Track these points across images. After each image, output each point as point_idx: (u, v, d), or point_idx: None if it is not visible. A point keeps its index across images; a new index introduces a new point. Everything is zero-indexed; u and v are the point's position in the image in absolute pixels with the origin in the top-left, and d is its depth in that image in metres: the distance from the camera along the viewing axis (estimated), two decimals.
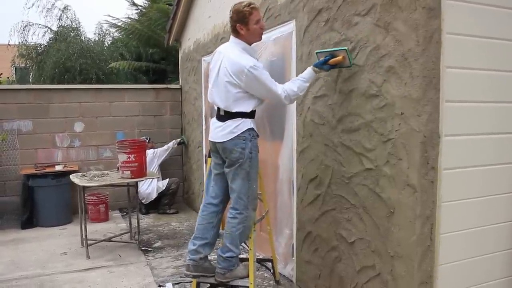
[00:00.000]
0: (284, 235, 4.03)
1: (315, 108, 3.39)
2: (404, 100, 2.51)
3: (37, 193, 5.99)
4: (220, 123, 3.08)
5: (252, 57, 3.05)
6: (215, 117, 3.17)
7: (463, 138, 2.58)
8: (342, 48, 2.93)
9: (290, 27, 3.72)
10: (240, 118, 3.02)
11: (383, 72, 2.65)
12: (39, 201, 5.99)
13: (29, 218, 5.98)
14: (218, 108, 3.10)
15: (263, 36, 4.15)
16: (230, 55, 3.02)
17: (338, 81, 3.09)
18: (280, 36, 3.92)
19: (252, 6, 2.99)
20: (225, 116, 3.06)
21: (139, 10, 11.99)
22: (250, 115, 3.07)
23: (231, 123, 3.02)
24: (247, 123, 3.03)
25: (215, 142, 3.11)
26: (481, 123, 2.65)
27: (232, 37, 3.11)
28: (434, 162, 2.47)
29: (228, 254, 3.15)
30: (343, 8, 2.98)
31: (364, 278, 2.91)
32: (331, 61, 2.98)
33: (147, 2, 11.80)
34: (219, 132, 3.07)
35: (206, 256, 3.26)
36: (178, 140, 7.05)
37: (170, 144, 6.88)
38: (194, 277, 3.26)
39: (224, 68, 3.01)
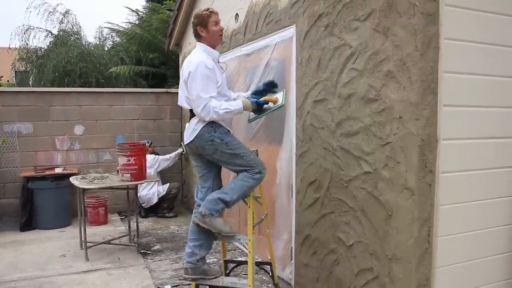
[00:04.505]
0: (283, 238, 4.05)
1: (314, 112, 3.42)
2: (403, 104, 2.54)
3: (36, 195, 6.01)
4: (188, 124, 3.17)
5: (210, 56, 3.13)
6: None
7: (461, 142, 2.61)
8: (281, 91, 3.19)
9: (290, 32, 3.76)
10: None
11: (382, 76, 2.69)
12: (38, 203, 6.01)
13: (28, 221, 5.99)
14: (190, 110, 3.18)
15: (263, 41, 4.25)
16: (189, 57, 3.15)
17: (337, 86, 3.12)
18: (281, 41, 3.96)
19: (210, 10, 3.17)
20: (191, 115, 3.15)
21: (139, 17, 12.04)
22: None
23: (192, 121, 3.12)
24: None
25: (187, 144, 3.18)
26: (479, 127, 2.68)
27: (197, 43, 3.24)
28: (431, 165, 2.49)
29: (221, 196, 3.11)
30: (343, 13, 3.02)
31: (362, 280, 2.92)
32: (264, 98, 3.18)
33: (147, 10, 11.85)
34: (187, 133, 3.16)
35: (204, 258, 3.27)
36: (181, 150, 6.98)
37: (173, 155, 6.84)
38: (192, 280, 3.27)
39: (183, 69, 3.13)
